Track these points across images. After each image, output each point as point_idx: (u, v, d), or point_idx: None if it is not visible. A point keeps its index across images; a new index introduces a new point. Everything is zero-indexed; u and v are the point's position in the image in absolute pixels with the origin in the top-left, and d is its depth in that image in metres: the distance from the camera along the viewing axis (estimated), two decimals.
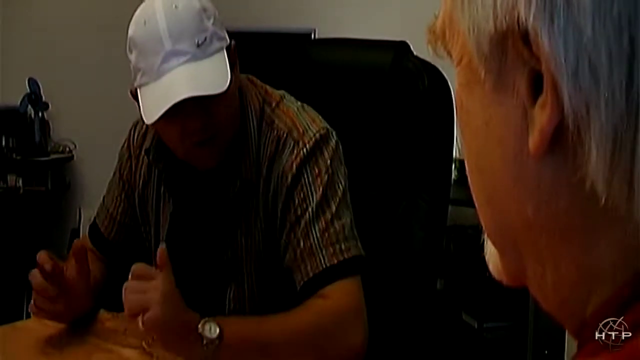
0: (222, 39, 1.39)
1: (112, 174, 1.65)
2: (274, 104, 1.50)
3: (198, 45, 1.34)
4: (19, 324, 1.56)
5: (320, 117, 1.50)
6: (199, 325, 1.25)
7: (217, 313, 1.34)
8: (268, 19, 3.61)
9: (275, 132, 1.46)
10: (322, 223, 1.41)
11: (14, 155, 3.70)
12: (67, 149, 3.79)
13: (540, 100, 0.41)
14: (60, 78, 3.74)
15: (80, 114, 3.80)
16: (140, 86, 1.38)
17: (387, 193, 1.71)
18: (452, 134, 1.67)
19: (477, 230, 0.52)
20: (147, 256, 1.56)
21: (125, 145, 1.63)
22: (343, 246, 1.41)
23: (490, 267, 0.53)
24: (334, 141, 1.47)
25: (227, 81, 1.34)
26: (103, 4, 3.93)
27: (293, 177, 1.42)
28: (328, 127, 1.49)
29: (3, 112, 3.70)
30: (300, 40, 3.33)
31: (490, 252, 0.52)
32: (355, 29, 2.75)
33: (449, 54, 0.48)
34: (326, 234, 1.41)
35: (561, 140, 0.41)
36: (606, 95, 0.39)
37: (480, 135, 0.46)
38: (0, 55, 3.68)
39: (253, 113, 1.48)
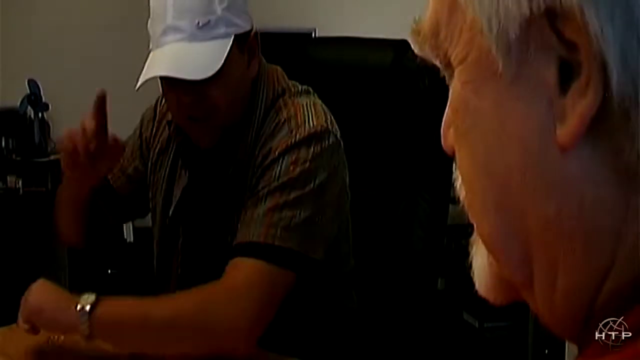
0: (232, 25, 1.39)
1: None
2: (287, 95, 1.50)
3: (198, 27, 1.35)
4: (17, 325, 1.55)
5: (330, 118, 1.47)
6: (78, 298, 1.31)
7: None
8: (268, 19, 3.60)
9: (278, 118, 1.46)
10: (271, 203, 1.39)
11: (14, 156, 3.69)
12: None
13: (575, 86, 0.40)
14: (60, 79, 3.73)
15: (80, 114, 3.79)
16: (150, 51, 1.42)
17: (388, 192, 1.71)
18: None
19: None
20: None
21: (152, 107, 1.68)
22: (280, 233, 1.37)
23: (477, 283, 0.51)
24: (328, 142, 1.43)
25: (214, 68, 1.34)
26: (104, 5, 3.93)
27: (272, 159, 1.41)
28: (331, 128, 1.45)
29: (3, 113, 3.70)
30: (301, 40, 3.33)
31: (478, 267, 0.51)
32: (356, 28, 2.74)
33: (444, 54, 0.47)
34: (269, 215, 1.38)
35: (597, 126, 0.40)
36: None
37: (491, 136, 0.44)
38: (0, 56, 3.67)
39: (263, 102, 1.47)
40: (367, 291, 1.46)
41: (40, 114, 3.71)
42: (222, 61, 1.36)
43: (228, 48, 1.37)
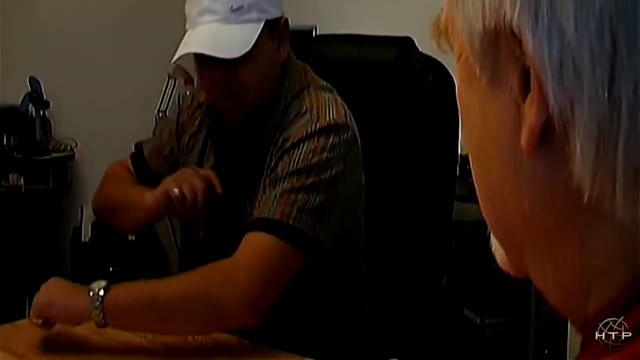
0: (263, 11, 1.49)
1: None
2: (311, 88, 1.56)
3: (232, 10, 1.45)
4: (20, 322, 1.56)
5: (349, 116, 1.53)
6: (89, 287, 1.37)
7: None
8: None
9: (300, 107, 1.52)
10: (288, 185, 1.45)
11: (15, 154, 3.69)
12: (69, 147, 3.78)
13: (529, 97, 0.41)
14: (61, 76, 3.73)
15: (81, 112, 3.79)
16: (186, 30, 1.51)
17: (392, 190, 1.71)
18: (456, 130, 1.67)
19: (479, 226, 0.51)
20: None
21: (191, 95, 1.79)
22: (295, 214, 1.43)
23: (498, 259, 0.53)
24: (346, 136, 1.49)
25: (245, 49, 1.44)
26: (105, 3, 3.93)
27: (292, 144, 1.48)
28: (350, 123, 1.51)
29: (4, 111, 3.69)
30: (301, 37, 3.33)
31: (497, 244, 0.52)
32: (356, 25, 2.74)
33: (452, 49, 0.49)
34: (285, 195, 1.44)
35: (550, 137, 0.41)
36: (589, 93, 0.39)
37: (478, 131, 0.46)
38: (1, 54, 3.67)
39: (289, 90, 1.55)
40: (372, 290, 1.46)
41: (41, 112, 3.71)
42: (253, 43, 1.45)
43: (259, 32, 1.47)
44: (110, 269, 3.55)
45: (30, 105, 3.68)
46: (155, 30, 3.68)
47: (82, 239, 3.67)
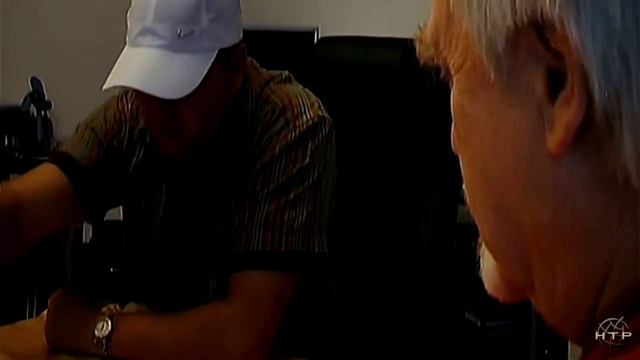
0: (217, 39, 1.30)
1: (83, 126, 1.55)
2: (272, 83, 1.45)
3: (179, 36, 1.24)
4: (20, 323, 1.56)
5: (320, 103, 1.44)
6: (94, 324, 1.34)
7: (200, 303, 1.36)
8: (270, 18, 3.60)
9: (269, 106, 1.40)
10: (271, 207, 1.35)
11: (17, 154, 3.69)
12: None
13: (562, 96, 0.40)
14: (63, 77, 3.73)
15: (83, 113, 3.76)
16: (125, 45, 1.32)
17: (395, 192, 1.71)
18: None
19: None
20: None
21: (117, 110, 1.51)
22: (284, 237, 1.34)
23: (486, 284, 0.51)
24: (325, 132, 1.40)
25: (192, 87, 1.25)
26: (106, 3, 3.92)
27: (271, 157, 1.37)
28: (325, 115, 1.42)
29: (5, 111, 3.69)
30: (303, 40, 3.33)
31: (486, 268, 0.51)
32: (359, 27, 2.74)
33: (444, 63, 0.47)
34: (271, 218, 1.34)
35: (584, 135, 0.40)
36: (638, 81, 0.38)
37: (487, 143, 0.45)
38: (3, 54, 3.67)
39: (253, 97, 1.42)
40: (372, 290, 1.46)
41: (43, 112, 3.71)
42: (200, 80, 1.26)
43: (209, 65, 1.28)
44: (111, 269, 3.55)
45: (32, 105, 3.68)
46: None
47: (83, 240, 3.67)
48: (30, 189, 1.39)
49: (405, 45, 1.74)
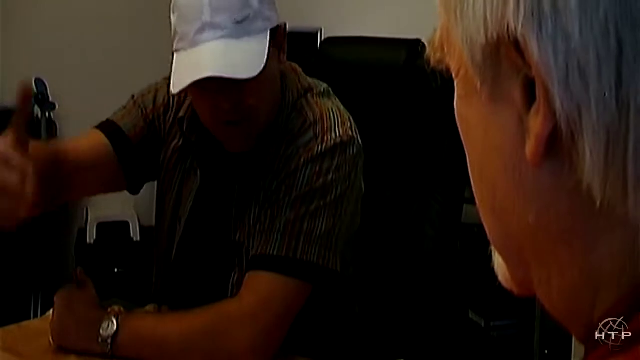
0: (267, 19, 1.35)
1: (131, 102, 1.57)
2: (309, 95, 1.47)
3: (237, 22, 1.29)
4: (25, 323, 1.56)
5: (352, 124, 1.45)
6: (100, 323, 1.35)
7: (220, 297, 1.39)
8: None
9: (301, 119, 1.43)
10: (291, 214, 1.37)
11: None
12: None
13: (534, 107, 0.41)
14: (67, 78, 3.74)
15: (87, 114, 3.77)
16: (176, 51, 1.35)
17: (400, 192, 1.71)
18: None
19: (484, 228, 0.52)
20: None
21: (166, 94, 1.54)
22: (300, 247, 1.36)
23: (500, 277, 0.53)
24: (352, 152, 1.41)
25: (261, 65, 1.29)
26: (111, 3, 3.93)
27: (296, 167, 1.39)
28: (355, 136, 1.43)
29: (10, 113, 3.70)
30: (307, 40, 3.33)
31: (499, 262, 0.52)
32: (362, 28, 2.74)
33: (447, 67, 0.49)
34: (290, 227, 1.37)
35: (556, 145, 0.41)
36: (597, 97, 0.39)
37: (480, 146, 0.47)
38: (7, 55, 3.68)
39: (290, 102, 1.44)
40: (375, 291, 1.46)
41: (47, 114, 3.71)
42: (265, 57, 1.31)
43: (267, 43, 1.32)
44: (115, 270, 3.56)
45: (36, 106, 3.68)
46: (163, 32, 3.69)
47: (87, 241, 3.67)
48: (77, 150, 1.46)
49: (409, 46, 1.76)
